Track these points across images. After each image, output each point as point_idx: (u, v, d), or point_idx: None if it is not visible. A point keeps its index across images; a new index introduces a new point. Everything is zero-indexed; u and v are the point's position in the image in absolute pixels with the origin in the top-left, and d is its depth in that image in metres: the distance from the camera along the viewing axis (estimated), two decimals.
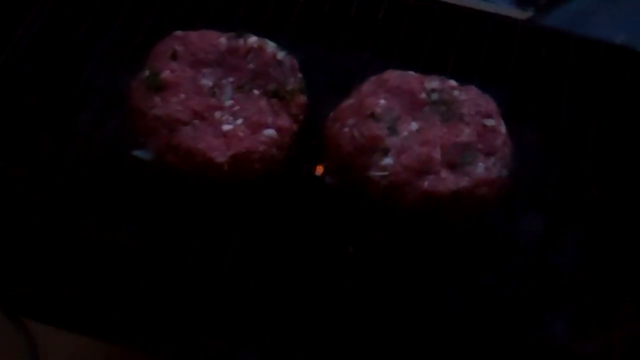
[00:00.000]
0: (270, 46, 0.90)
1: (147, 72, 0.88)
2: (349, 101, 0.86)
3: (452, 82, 0.87)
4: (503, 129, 0.83)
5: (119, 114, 0.95)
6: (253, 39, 0.90)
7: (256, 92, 0.88)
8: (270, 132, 0.85)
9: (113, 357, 1.08)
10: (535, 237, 0.89)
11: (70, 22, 1.01)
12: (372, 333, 0.83)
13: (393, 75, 0.87)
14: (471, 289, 0.86)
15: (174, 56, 0.88)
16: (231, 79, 0.88)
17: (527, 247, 0.89)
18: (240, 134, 0.84)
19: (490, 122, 0.83)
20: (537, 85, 0.95)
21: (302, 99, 0.88)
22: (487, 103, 0.85)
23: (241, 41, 0.90)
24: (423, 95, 0.85)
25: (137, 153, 0.88)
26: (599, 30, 1.15)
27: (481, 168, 0.80)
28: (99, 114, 0.96)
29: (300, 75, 0.90)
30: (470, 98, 0.85)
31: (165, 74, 0.87)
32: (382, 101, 0.84)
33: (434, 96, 0.85)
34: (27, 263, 0.86)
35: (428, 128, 0.83)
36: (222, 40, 0.90)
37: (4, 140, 0.93)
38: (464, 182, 0.79)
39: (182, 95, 0.86)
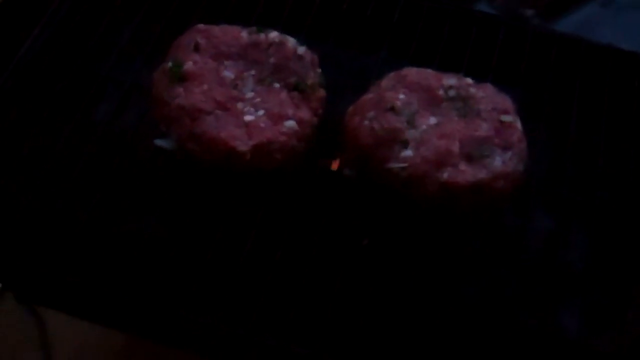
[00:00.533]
0: (291, 41, 0.91)
1: (170, 63, 0.89)
2: (369, 95, 0.88)
3: (469, 80, 0.89)
4: (519, 125, 0.85)
5: (138, 106, 0.96)
6: (274, 34, 0.92)
7: (277, 85, 0.89)
8: (291, 123, 0.86)
9: (122, 349, 1.09)
10: (547, 234, 0.91)
11: (93, 14, 1.02)
12: (386, 325, 0.84)
13: (411, 72, 0.89)
14: (485, 284, 0.88)
15: (197, 48, 0.90)
16: (252, 72, 0.90)
17: (539, 244, 0.90)
18: (262, 125, 0.86)
19: (507, 118, 0.85)
20: (548, 87, 0.98)
21: (322, 92, 0.90)
22: (504, 100, 0.87)
23: (262, 36, 0.91)
24: (441, 92, 0.87)
25: (159, 142, 0.89)
26: (602, 40, 1.17)
27: (499, 162, 0.82)
28: (118, 106, 0.97)
29: (319, 70, 0.91)
30: (487, 95, 0.87)
31: (188, 65, 0.88)
32: (402, 96, 0.86)
33: (452, 93, 0.87)
34: (44, 252, 0.86)
35: (446, 122, 0.85)
36: (244, 34, 0.92)
37: (26, 128, 0.94)
38: (482, 174, 0.81)
39: (205, 86, 0.87)
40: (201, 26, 0.92)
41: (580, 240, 0.90)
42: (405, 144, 0.83)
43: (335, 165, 0.94)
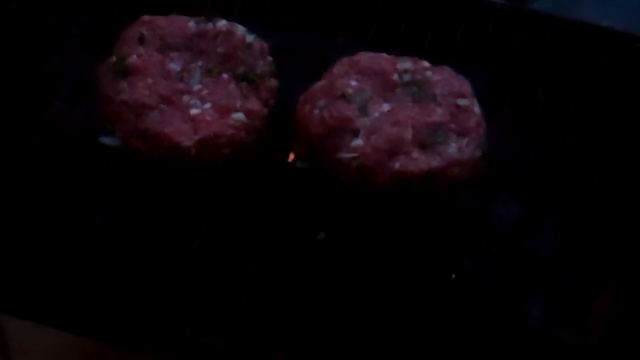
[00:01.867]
0: (240, 30, 0.88)
1: (113, 58, 0.86)
2: (320, 83, 0.85)
3: (425, 63, 0.85)
4: (477, 109, 0.82)
5: (88, 103, 0.93)
6: (222, 23, 0.88)
7: (225, 76, 0.86)
8: (239, 115, 0.83)
9: (89, 356, 1.06)
10: (512, 221, 0.87)
11: (39, 11, 0.99)
12: (344, 321, 0.80)
13: (365, 57, 0.85)
14: (447, 275, 0.84)
15: (142, 40, 0.87)
16: (200, 63, 0.86)
17: (504, 232, 0.87)
18: (208, 118, 0.82)
19: (463, 102, 0.81)
20: (514, 67, 0.94)
21: (273, 82, 0.87)
22: (461, 83, 0.83)
23: (210, 25, 0.88)
24: (395, 77, 0.84)
25: (104, 140, 0.86)
26: (583, 17, 1.12)
27: (454, 148, 0.78)
28: (68, 103, 0.94)
29: (270, 58, 0.88)
30: (443, 79, 0.83)
31: (132, 59, 0.85)
32: (354, 82, 0.83)
33: (406, 77, 0.84)
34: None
35: (399, 109, 0.81)
36: (191, 24, 0.88)
37: None
38: (435, 162, 0.77)
39: (149, 80, 0.84)
40: (146, 17, 0.89)
41: (546, 227, 0.87)
42: (355, 133, 0.79)
43: (291, 158, 0.90)
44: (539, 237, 0.86)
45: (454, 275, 0.85)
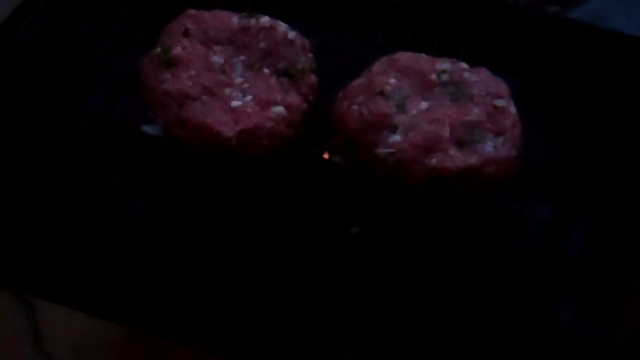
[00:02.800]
0: (282, 26, 0.90)
1: (158, 49, 0.88)
2: (359, 81, 0.86)
3: (463, 65, 0.87)
4: (513, 110, 0.83)
5: (131, 93, 0.95)
6: (265, 19, 0.90)
7: (266, 70, 0.88)
8: (279, 109, 0.85)
9: (116, 342, 1.08)
10: (545, 223, 0.88)
11: (87, 3, 1.02)
12: (377, 317, 0.82)
13: (404, 57, 0.87)
14: (479, 275, 0.85)
15: (186, 34, 0.89)
16: (242, 58, 0.88)
17: (536, 233, 0.88)
18: (249, 110, 0.84)
19: (500, 103, 0.82)
20: (550, 74, 0.95)
21: (313, 78, 0.88)
22: (498, 85, 0.84)
23: (253, 21, 0.90)
24: (433, 77, 0.85)
25: (146, 129, 0.88)
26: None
27: (490, 147, 0.80)
28: (110, 93, 0.96)
29: (311, 55, 0.90)
30: (481, 80, 0.85)
31: (177, 51, 0.87)
32: (393, 80, 0.84)
33: (445, 77, 0.85)
34: (34, 240, 0.85)
35: (438, 107, 0.82)
36: (235, 19, 0.90)
37: (17, 115, 0.93)
38: (472, 160, 0.79)
39: (193, 72, 0.86)
40: (191, 12, 0.91)
41: (579, 229, 0.87)
42: (393, 129, 0.81)
43: (327, 154, 0.91)
44: (571, 240, 0.87)
45: (484, 275, 0.86)
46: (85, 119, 0.93)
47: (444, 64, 0.86)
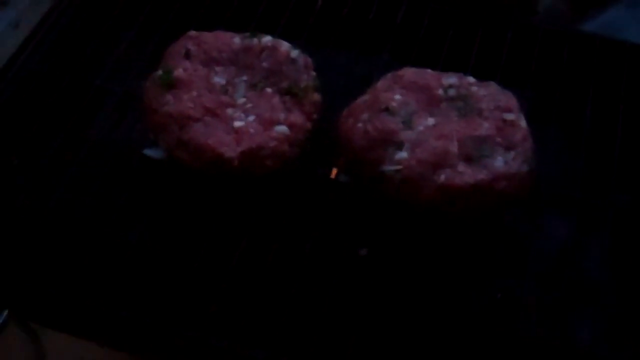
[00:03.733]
0: (284, 45, 0.88)
1: (159, 71, 0.87)
2: (364, 97, 0.84)
3: (470, 79, 0.84)
4: (523, 123, 0.80)
5: (134, 116, 0.94)
6: (267, 39, 0.89)
7: (269, 90, 0.86)
8: (282, 128, 0.83)
9: None
10: (560, 240, 0.85)
11: (89, 27, 1.01)
12: (387, 341, 0.79)
13: (409, 72, 0.85)
14: (491, 293, 0.82)
15: (188, 55, 0.88)
16: (244, 78, 0.87)
17: (552, 251, 0.84)
18: (252, 130, 0.82)
19: (510, 117, 0.80)
20: (560, 86, 0.92)
21: (316, 96, 0.86)
22: (507, 98, 0.82)
23: (255, 40, 0.88)
24: (440, 92, 0.83)
25: (148, 152, 0.87)
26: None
27: (500, 162, 0.77)
28: (114, 116, 0.95)
29: (314, 73, 0.88)
30: (489, 93, 0.82)
31: (178, 72, 0.86)
32: (398, 96, 0.82)
33: (452, 92, 0.83)
34: (36, 266, 0.84)
35: (445, 123, 0.80)
36: (236, 39, 0.89)
37: (19, 139, 0.92)
38: (482, 175, 0.76)
39: (194, 93, 0.85)
40: (193, 33, 0.90)
41: (596, 246, 0.84)
42: (400, 146, 0.78)
43: (334, 173, 0.89)
44: (588, 257, 0.84)
45: (499, 295, 0.82)
46: (87, 143, 0.91)
47: (451, 79, 0.84)
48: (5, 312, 0.90)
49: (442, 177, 0.76)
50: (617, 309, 0.80)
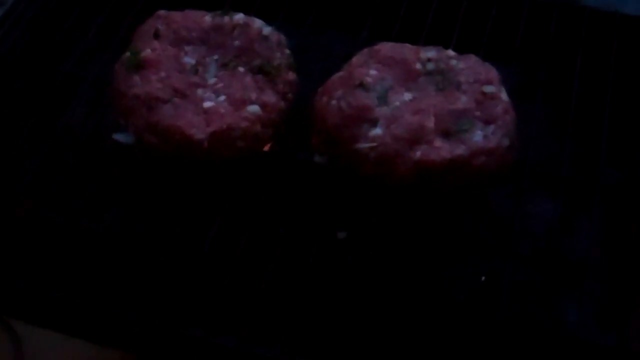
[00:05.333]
0: (257, 22, 0.85)
1: (128, 53, 0.84)
2: (339, 74, 0.81)
3: (450, 52, 0.81)
4: (504, 96, 0.77)
5: (106, 102, 0.91)
6: (239, 16, 0.86)
7: (241, 69, 0.83)
8: (254, 108, 0.80)
9: None
10: (546, 220, 0.81)
11: (59, 12, 0.98)
12: (367, 323, 0.75)
13: (386, 47, 0.81)
14: (476, 276, 0.79)
15: (157, 35, 0.85)
16: (215, 57, 0.84)
17: (538, 231, 0.81)
18: (222, 111, 0.79)
19: (490, 89, 0.76)
20: (547, 61, 0.89)
21: (291, 75, 0.83)
22: (487, 70, 0.79)
23: (226, 18, 0.85)
24: (418, 66, 0.80)
25: (117, 137, 0.83)
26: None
27: (479, 136, 0.74)
28: (86, 102, 0.92)
29: (288, 51, 0.85)
30: (469, 67, 0.79)
31: (146, 53, 0.83)
32: (373, 71, 0.79)
33: (430, 66, 0.79)
34: (8, 255, 0.81)
35: (422, 98, 0.77)
36: (207, 18, 0.86)
37: None
38: (459, 150, 0.72)
39: (163, 74, 0.82)
40: (162, 12, 0.87)
41: (584, 225, 0.80)
42: (374, 122, 0.75)
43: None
44: (575, 237, 0.80)
45: (483, 278, 0.79)
46: (57, 130, 0.88)
47: (429, 52, 0.81)
48: None
49: (418, 154, 0.73)
50: (605, 290, 0.76)
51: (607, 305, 0.76)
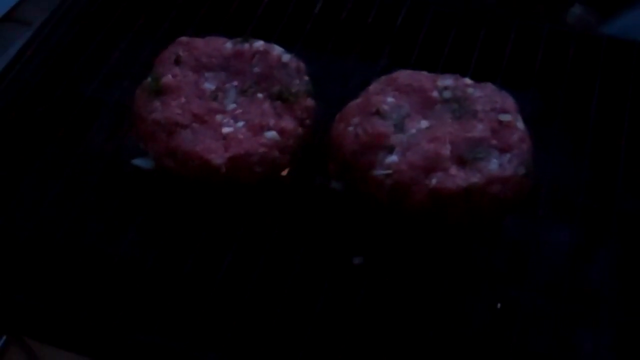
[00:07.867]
0: (276, 49, 0.86)
1: (149, 78, 0.85)
2: (356, 101, 0.82)
3: (467, 80, 0.81)
4: (520, 124, 0.77)
5: (123, 126, 0.93)
6: (259, 43, 0.87)
7: (260, 95, 0.84)
8: (271, 134, 0.81)
9: None
10: (563, 248, 0.81)
11: (83, 36, 1.00)
12: (382, 350, 0.75)
13: (403, 74, 0.82)
14: (491, 303, 0.78)
15: (177, 61, 0.86)
16: (235, 83, 0.85)
17: (554, 259, 0.80)
18: (240, 136, 0.80)
19: (506, 118, 0.77)
20: (565, 89, 0.89)
21: (309, 102, 0.84)
22: (504, 99, 0.79)
23: (247, 45, 0.87)
24: (435, 94, 0.80)
25: (137, 162, 0.85)
26: None
27: (495, 164, 0.74)
28: (107, 127, 0.94)
29: (306, 78, 0.86)
30: (485, 95, 0.79)
31: (167, 79, 0.84)
32: (390, 99, 0.79)
33: (447, 94, 0.80)
34: (27, 278, 0.82)
35: (438, 125, 0.77)
36: (228, 45, 0.87)
37: (11, 150, 0.91)
38: (475, 178, 0.73)
39: (183, 99, 0.83)
40: (183, 39, 0.89)
41: (601, 254, 0.80)
42: (390, 150, 0.76)
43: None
44: (591, 265, 0.80)
45: (499, 305, 0.79)
46: (78, 155, 0.90)
47: (446, 80, 0.81)
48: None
49: (434, 181, 0.73)
50: (622, 320, 0.76)
51: (624, 336, 0.75)
